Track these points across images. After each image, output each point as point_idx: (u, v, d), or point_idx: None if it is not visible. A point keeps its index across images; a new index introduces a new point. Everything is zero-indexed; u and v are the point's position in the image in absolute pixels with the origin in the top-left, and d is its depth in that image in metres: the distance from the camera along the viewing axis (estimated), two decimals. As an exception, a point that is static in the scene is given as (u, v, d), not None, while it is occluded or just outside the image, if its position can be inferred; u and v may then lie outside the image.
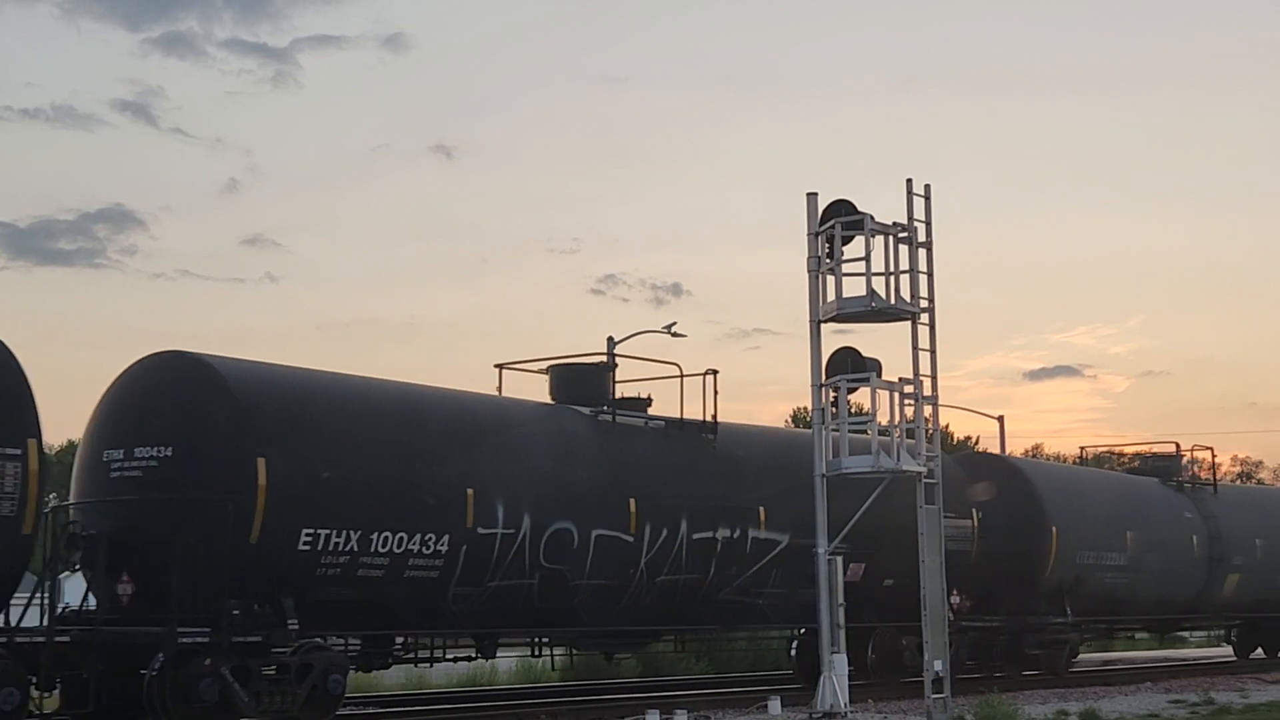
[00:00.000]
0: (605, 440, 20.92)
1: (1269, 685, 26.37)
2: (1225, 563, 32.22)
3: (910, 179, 19.82)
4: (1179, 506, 32.00)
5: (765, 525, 22.24)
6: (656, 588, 20.81)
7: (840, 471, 19.51)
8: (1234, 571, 32.60)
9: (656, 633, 22.71)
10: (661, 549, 20.77)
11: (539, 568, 19.23)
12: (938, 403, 20.15)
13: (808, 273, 19.65)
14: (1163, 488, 32.48)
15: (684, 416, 21.86)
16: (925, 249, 19.82)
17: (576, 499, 19.79)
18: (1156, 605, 31.13)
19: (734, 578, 21.89)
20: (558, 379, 21.81)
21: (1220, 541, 32.16)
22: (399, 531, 17.68)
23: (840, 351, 19.82)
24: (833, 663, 18.76)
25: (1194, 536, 31.64)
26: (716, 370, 21.72)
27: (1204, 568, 31.87)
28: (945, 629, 19.64)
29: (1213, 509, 32.61)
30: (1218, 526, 32.22)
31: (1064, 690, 24.95)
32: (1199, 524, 31.97)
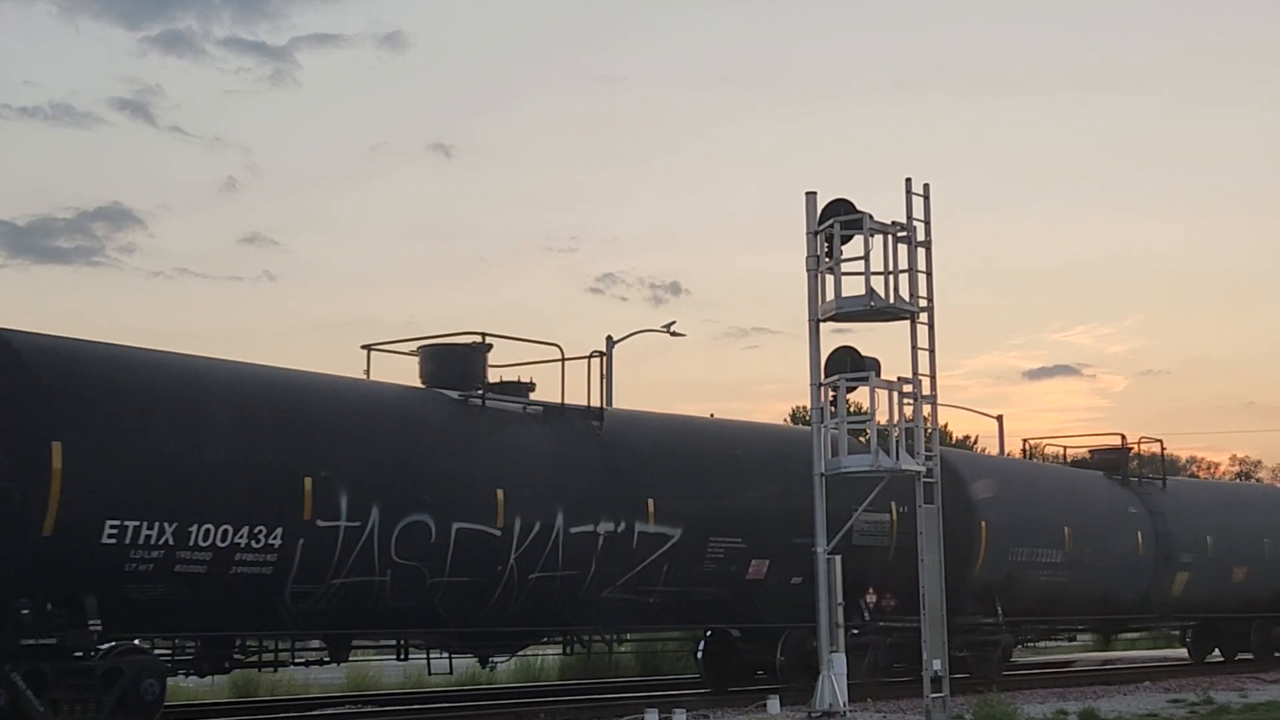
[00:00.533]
0: (472, 426, 19.49)
1: (1268, 685, 26.35)
2: (1174, 560, 30.73)
3: (909, 178, 19.83)
4: (1124, 501, 30.46)
5: (654, 518, 20.84)
6: (530, 586, 19.50)
7: (840, 470, 19.50)
8: (1183, 570, 31.14)
9: (534, 634, 21.52)
10: (534, 544, 19.40)
11: (391, 564, 17.83)
12: (937, 402, 20.15)
13: (807, 272, 19.64)
14: (1107, 482, 30.93)
15: (566, 402, 20.54)
16: (924, 248, 19.81)
17: (435, 489, 18.44)
18: (1099, 605, 29.74)
19: (618, 575, 20.52)
20: (427, 361, 20.40)
21: (1168, 538, 30.65)
22: (223, 524, 16.19)
23: (839, 351, 19.81)
24: (831, 662, 18.76)
25: (1139, 533, 30.13)
26: (603, 352, 20.79)
27: (1150, 565, 30.37)
28: (943, 628, 19.63)
29: (1161, 504, 31.07)
30: (1166, 522, 30.75)
31: (1063, 690, 24.95)
32: (1145, 520, 30.47)
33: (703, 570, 20.96)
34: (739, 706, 20.64)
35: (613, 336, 39.52)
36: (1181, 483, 36.17)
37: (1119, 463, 31.59)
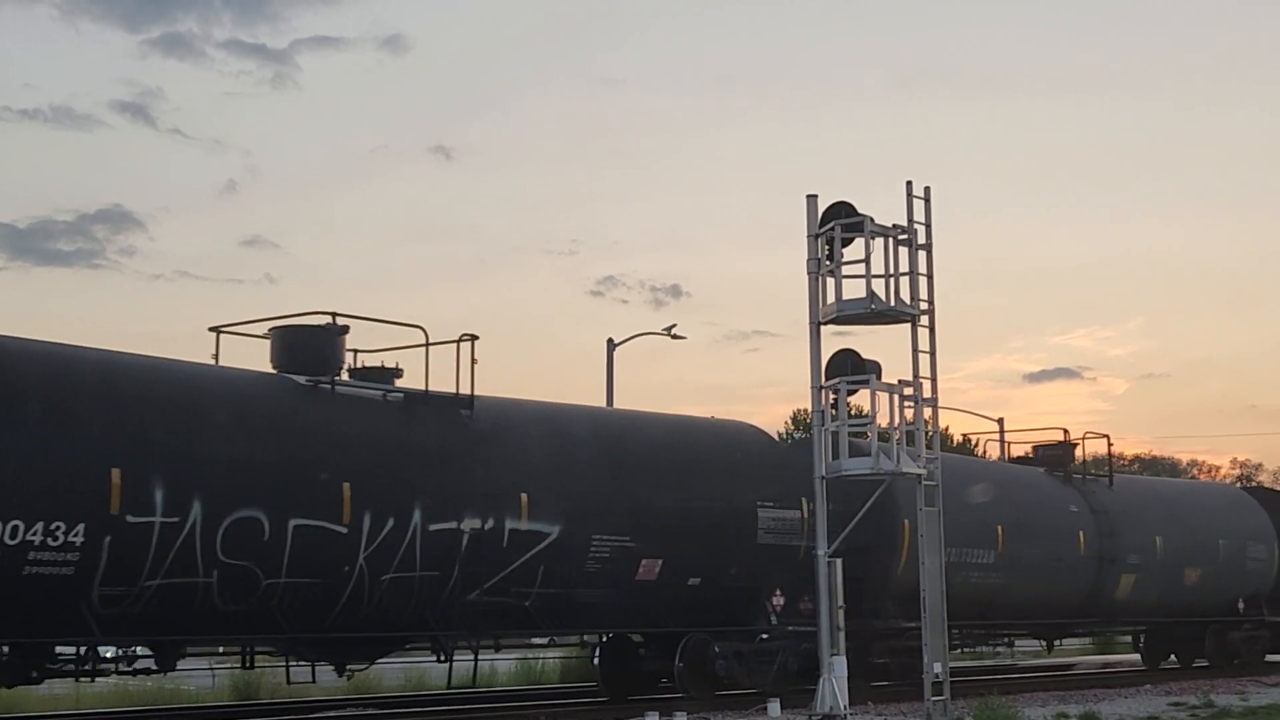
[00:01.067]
0: (317, 413, 17.96)
1: (1269, 688, 26.35)
2: (1119, 562, 28.96)
3: (910, 181, 19.86)
4: (1064, 499, 28.55)
5: (528, 514, 19.25)
6: (384, 588, 17.98)
7: (841, 473, 19.51)
8: (1129, 572, 29.33)
9: (395, 641, 19.71)
10: (387, 542, 17.85)
11: (217, 563, 16.36)
12: (937, 405, 20.15)
13: (807, 274, 19.65)
14: (1048, 479, 29.08)
15: (430, 389, 18.95)
16: (925, 251, 19.83)
17: (269, 482, 16.95)
18: (1037, 609, 27.47)
19: (485, 577, 18.92)
20: (277, 344, 18.79)
21: (1113, 538, 28.85)
22: (11, 519, 14.88)
23: (840, 353, 19.82)
24: (832, 665, 18.75)
25: (1081, 533, 28.25)
26: (476, 335, 19.05)
27: (1093, 567, 28.47)
28: (945, 631, 19.64)
29: (1106, 503, 29.22)
30: (1110, 522, 28.95)
31: (1063, 693, 24.95)
32: (1087, 519, 28.58)
33: (585, 571, 19.58)
34: (739, 709, 20.62)
35: (613, 339, 39.50)
36: (1130, 480, 34.43)
37: (1062, 459, 29.83)
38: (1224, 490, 37.85)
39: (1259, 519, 33.45)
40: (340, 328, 18.77)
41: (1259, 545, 33.17)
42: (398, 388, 19.12)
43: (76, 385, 16.12)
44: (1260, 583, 33.06)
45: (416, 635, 19.46)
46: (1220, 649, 32.25)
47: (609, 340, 39.13)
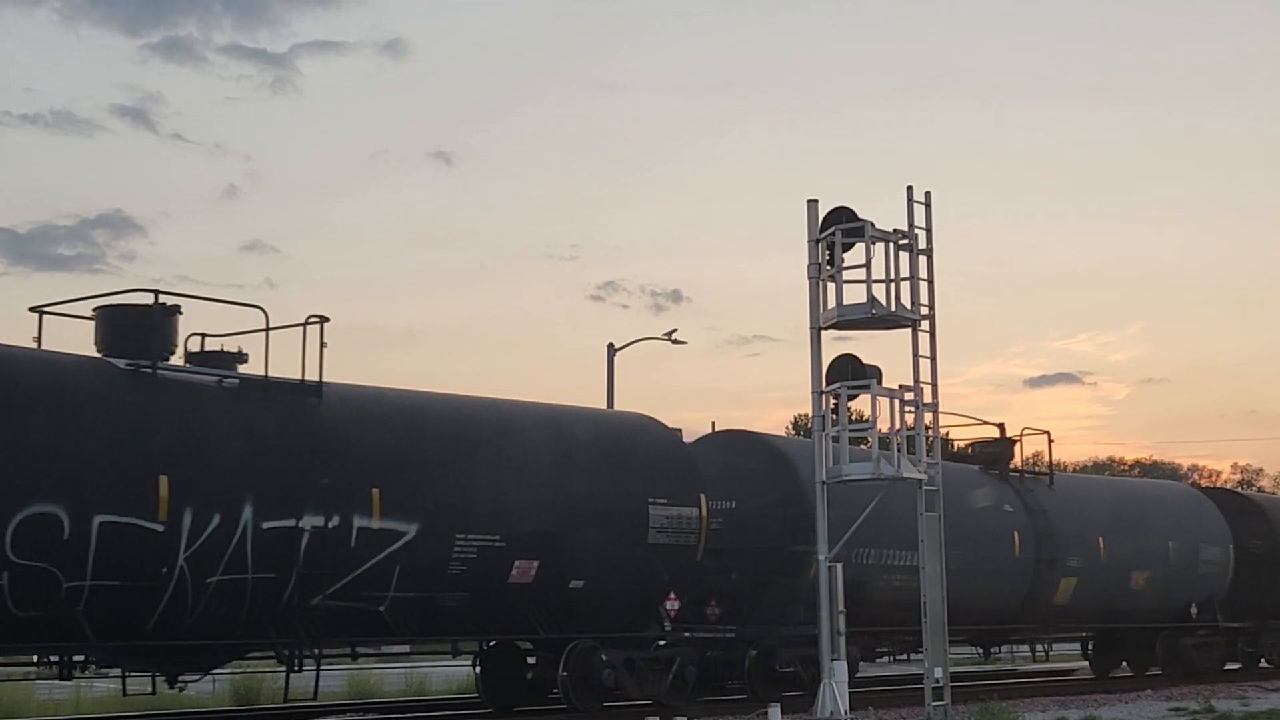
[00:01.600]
0: (134, 400, 16.42)
1: (1270, 693, 26.36)
2: (1058, 565, 27.49)
3: (911, 186, 19.86)
4: (998, 498, 27.02)
5: (380, 512, 17.72)
6: (209, 592, 16.41)
7: (842, 479, 19.50)
8: (1070, 575, 27.90)
9: (231, 649, 17.98)
10: (212, 541, 16.30)
11: (7, 564, 14.99)
12: (938, 410, 20.16)
13: (808, 280, 19.66)
14: (982, 476, 27.43)
15: (270, 375, 17.51)
16: (926, 256, 19.84)
17: (70, 474, 15.46)
18: (968, 614, 24.96)
19: (331, 579, 17.34)
20: (101, 326, 17.29)
21: (1051, 540, 27.34)
22: None
23: (841, 358, 19.81)
24: (833, 670, 18.76)
25: (1016, 533, 26.85)
26: (326, 317, 17.69)
27: (1029, 570, 27.04)
28: (945, 636, 19.64)
29: (1044, 502, 27.74)
30: (1049, 522, 27.44)
31: (1064, 698, 24.96)
32: (1024, 519, 27.12)
33: (449, 574, 18.26)
34: (739, 713, 20.61)
35: (614, 344, 39.52)
36: (1073, 479, 32.50)
37: (999, 456, 28.22)
38: (1176, 490, 35.44)
39: (1214, 520, 32.09)
40: (169, 308, 17.22)
41: (1213, 548, 31.69)
42: (236, 374, 17.66)
43: None
44: (1215, 587, 31.57)
45: (253, 644, 17.92)
46: (1173, 657, 30.77)
47: (609, 345, 39.18)
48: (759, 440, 24.41)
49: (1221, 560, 31.71)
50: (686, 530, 21.13)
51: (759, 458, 23.51)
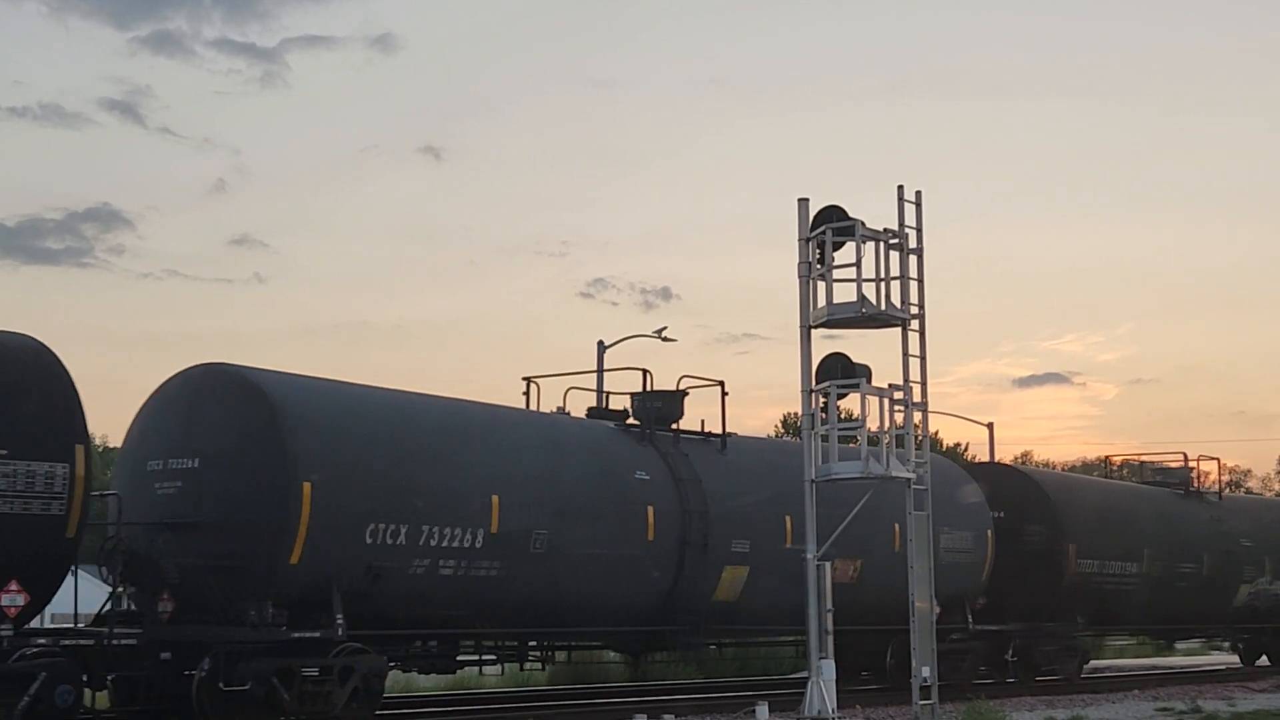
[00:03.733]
0: None
1: (1256, 694, 26.45)
2: (716, 550, 21.93)
3: (901, 185, 19.88)
4: (629, 464, 21.42)
5: None
6: None
7: (830, 477, 19.52)
8: (737, 564, 22.40)
9: None
10: None
11: None
12: (927, 409, 20.18)
13: (798, 278, 19.68)
14: (619, 436, 22.02)
15: None
16: (916, 255, 19.86)
17: None
18: (579, 613, 20.76)
19: None
20: None
21: (706, 518, 21.71)
22: None
23: (830, 357, 19.84)
24: (820, 668, 18.78)
25: (650, 510, 21.13)
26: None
27: (671, 558, 21.50)
28: (933, 635, 19.67)
29: (701, 469, 22.13)
30: (703, 495, 21.80)
31: (1051, 697, 25.00)
32: (666, 490, 21.50)
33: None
34: (727, 712, 20.64)
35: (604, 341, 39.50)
36: (755, 444, 25.26)
37: (659, 414, 22.53)
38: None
39: (968, 500, 26.68)
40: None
41: (962, 534, 25.90)
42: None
43: None
44: (964, 583, 25.71)
45: None
46: (904, 664, 22.52)
47: (599, 342, 39.10)
48: (229, 375, 17.94)
49: (973, 549, 26.26)
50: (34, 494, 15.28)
51: (228, 397, 17.64)
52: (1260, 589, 34.75)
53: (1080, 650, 29.50)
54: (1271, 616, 35.61)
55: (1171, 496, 33.51)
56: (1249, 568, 34.32)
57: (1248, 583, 34.38)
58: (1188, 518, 33.10)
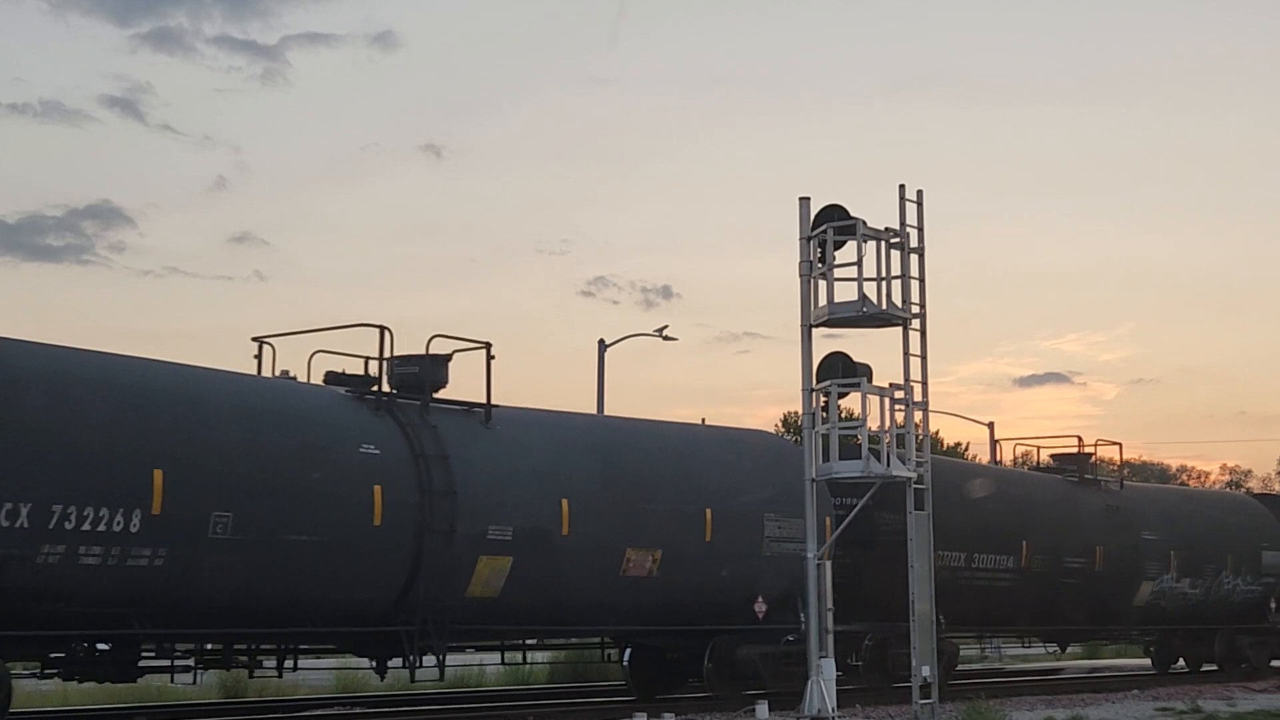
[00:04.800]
0: None
1: (1257, 694, 26.44)
2: (468, 536, 18.86)
3: (903, 185, 19.87)
4: (356, 433, 18.36)
5: None
6: None
7: (831, 476, 19.51)
8: (496, 553, 19.20)
9: None
10: None
11: None
12: (928, 409, 20.18)
13: (799, 277, 19.67)
14: (346, 404, 18.84)
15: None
16: (917, 255, 19.85)
17: None
18: (270, 612, 17.76)
19: None
20: None
21: (453, 499, 18.61)
22: None
23: (831, 356, 19.83)
24: (821, 667, 18.78)
25: (379, 489, 18.03)
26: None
27: (411, 545, 18.46)
28: (933, 635, 19.67)
29: (450, 444, 18.97)
30: (449, 474, 18.67)
31: (1051, 696, 24.99)
32: (401, 468, 18.37)
33: None
34: (728, 712, 20.63)
35: (604, 340, 39.54)
36: (532, 416, 21.00)
37: (412, 379, 19.36)
38: (741, 437, 24.41)
39: (792, 478, 21.11)
40: None
41: (786, 520, 22.32)
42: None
43: None
44: (791, 577, 21.91)
45: None
46: (726, 668, 22.04)
47: (600, 341, 39.20)
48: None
49: (798, 538, 21.78)
50: None
51: None
52: (1165, 587, 31.64)
53: (945, 654, 24.43)
54: (1181, 617, 32.74)
55: (1063, 484, 29.77)
56: (1151, 563, 31.06)
57: (1150, 580, 31.14)
58: (1079, 508, 29.48)
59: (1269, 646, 34.35)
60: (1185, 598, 32.29)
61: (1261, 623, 34.18)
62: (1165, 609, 32.03)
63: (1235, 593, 33.52)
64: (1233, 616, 33.75)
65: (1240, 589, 33.60)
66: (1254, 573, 33.83)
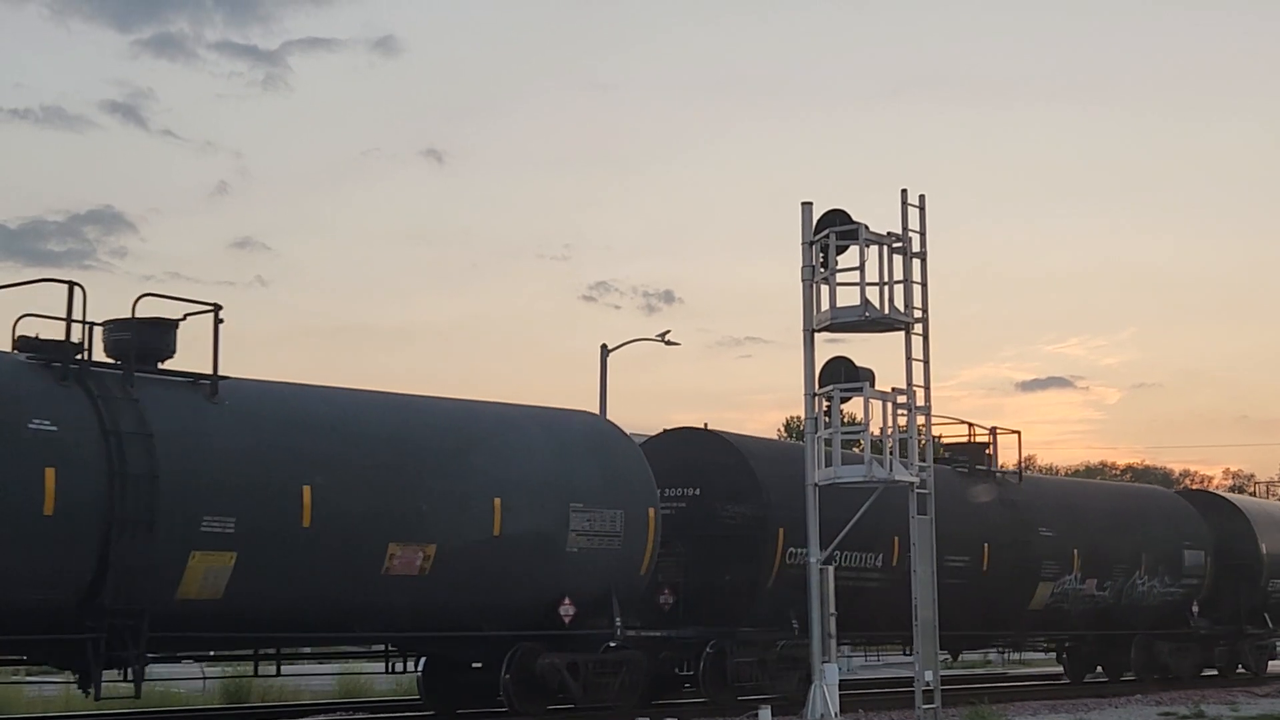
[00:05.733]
0: None
1: (1260, 698, 26.43)
2: (169, 530, 16.03)
3: (905, 189, 19.88)
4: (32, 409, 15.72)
5: None
6: None
7: (835, 481, 19.51)
8: (211, 549, 16.34)
9: None
10: None
11: None
12: (930, 413, 20.18)
13: (802, 282, 19.68)
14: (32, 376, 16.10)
15: None
16: (919, 259, 19.86)
17: None
18: None
19: None
20: None
21: (156, 485, 15.89)
22: None
23: (834, 361, 19.83)
24: (823, 672, 18.78)
25: (52, 472, 15.30)
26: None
27: (90, 537, 15.61)
28: (935, 639, 19.67)
29: (156, 422, 16.26)
30: (150, 454, 15.95)
31: (1054, 701, 24.97)
32: (87, 449, 15.67)
33: None
34: (731, 715, 20.61)
35: (607, 345, 39.54)
36: (269, 390, 18.05)
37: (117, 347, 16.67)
38: (543, 415, 20.90)
39: (619, 465, 20.48)
40: None
41: (599, 512, 19.84)
42: None
43: None
44: (606, 576, 19.80)
45: None
46: (526, 680, 19.01)
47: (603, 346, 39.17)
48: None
49: (624, 534, 20.14)
50: None
51: None
52: (1068, 589, 28.51)
53: (800, 663, 21.31)
54: (1087, 622, 29.55)
55: (949, 475, 26.34)
56: (1050, 563, 27.87)
57: (1049, 580, 27.97)
58: (967, 501, 26.48)
59: (1192, 654, 31.60)
60: (1093, 600, 29.04)
61: (1183, 628, 31.37)
62: (1068, 613, 28.86)
63: (1151, 595, 30.47)
64: (1150, 621, 30.69)
65: (1157, 591, 30.56)
66: (1174, 574, 30.90)
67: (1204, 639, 31.96)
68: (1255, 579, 32.55)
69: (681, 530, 21.94)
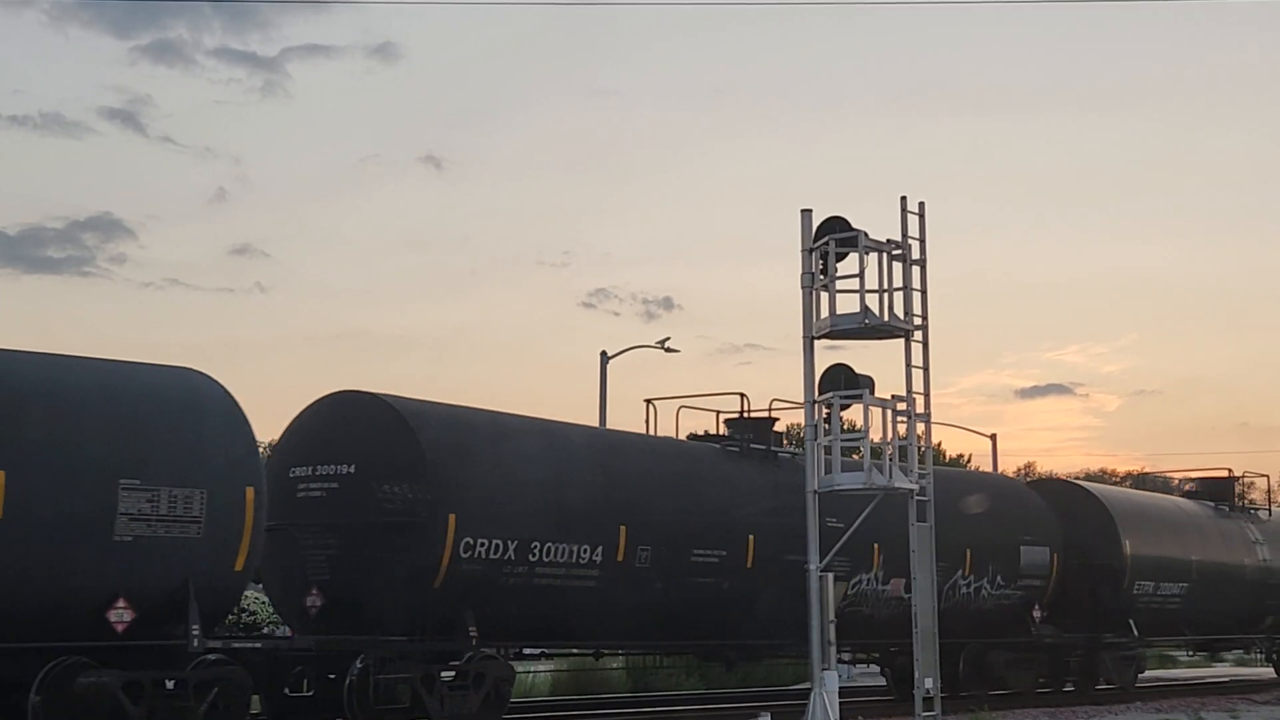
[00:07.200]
0: None
1: (1259, 705, 26.43)
2: None
3: (904, 196, 19.90)
4: None
5: None
6: None
7: (834, 488, 19.52)
8: None
9: None
10: None
11: None
12: (930, 420, 20.20)
13: (801, 289, 19.70)
14: None
15: None
16: (919, 266, 19.89)
17: None
18: None
19: None
20: None
21: None
22: None
23: (833, 368, 19.86)
24: (824, 679, 18.78)
25: None
26: None
27: None
28: (935, 647, 19.67)
29: None
30: None
31: (1053, 709, 24.96)
32: None
33: None
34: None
35: (606, 352, 39.57)
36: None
37: None
38: (91, 370, 16.26)
39: (190, 432, 16.15)
40: None
41: (166, 490, 15.48)
42: None
43: None
44: (181, 572, 15.57)
45: None
46: (65, 705, 14.82)
47: (603, 353, 39.20)
48: None
49: (190, 517, 15.76)
50: None
51: None
52: (868, 591, 23.98)
53: (488, 677, 18.62)
54: (898, 629, 22.37)
55: (715, 454, 22.65)
56: (841, 560, 21.02)
57: (841, 581, 22.07)
58: (732, 486, 22.14)
59: (1033, 665, 27.57)
60: (902, 604, 22.84)
61: (1022, 635, 27.19)
62: (871, 618, 23.98)
63: (979, 598, 26.25)
64: (980, 628, 26.27)
65: (987, 594, 26.41)
66: (1009, 574, 26.76)
67: (1051, 649, 27.84)
68: (1117, 581, 28.46)
69: (334, 516, 18.14)
